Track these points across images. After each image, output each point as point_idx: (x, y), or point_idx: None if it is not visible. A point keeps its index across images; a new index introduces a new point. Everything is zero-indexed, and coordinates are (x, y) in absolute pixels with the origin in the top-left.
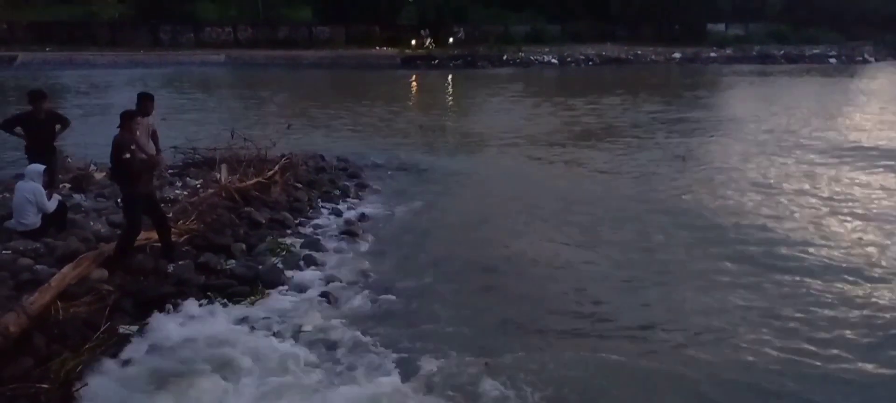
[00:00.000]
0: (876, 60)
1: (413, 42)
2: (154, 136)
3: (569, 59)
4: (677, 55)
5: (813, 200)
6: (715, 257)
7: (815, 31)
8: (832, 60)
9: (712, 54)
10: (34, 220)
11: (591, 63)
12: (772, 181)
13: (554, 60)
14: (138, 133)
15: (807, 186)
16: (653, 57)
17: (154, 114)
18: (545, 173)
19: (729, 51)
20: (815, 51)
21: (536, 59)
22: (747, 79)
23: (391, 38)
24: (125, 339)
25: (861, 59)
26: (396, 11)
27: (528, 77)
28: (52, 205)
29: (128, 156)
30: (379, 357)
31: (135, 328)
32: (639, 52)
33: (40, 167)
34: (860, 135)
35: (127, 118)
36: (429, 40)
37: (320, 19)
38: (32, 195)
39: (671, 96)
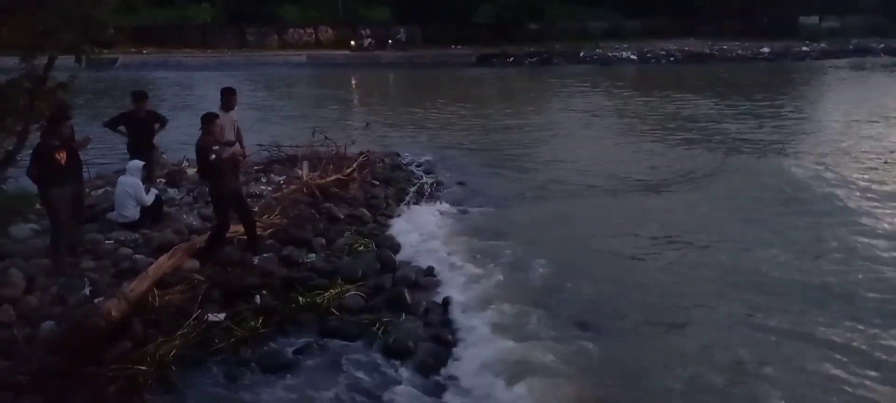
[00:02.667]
0: None
1: (352, 42)
2: (237, 134)
3: (648, 55)
4: (766, 50)
5: None
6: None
7: None
8: None
9: (804, 49)
10: (133, 213)
11: (672, 59)
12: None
13: (633, 57)
14: (222, 128)
15: None
16: (739, 51)
17: (237, 108)
18: (622, 176)
19: (822, 45)
20: None
21: (614, 56)
22: (842, 76)
23: (467, 37)
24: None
25: None
26: (472, 10)
27: (605, 74)
28: (149, 199)
29: (213, 157)
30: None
31: (222, 316)
32: (723, 47)
33: (140, 163)
34: None
35: (207, 121)
36: (368, 41)
37: (397, 19)
38: (132, 189)
39: (741, 97)
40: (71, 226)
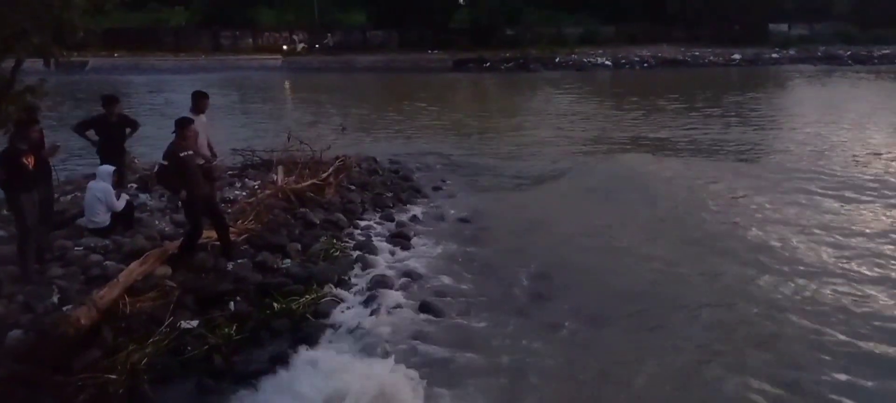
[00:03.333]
0: None
1: (285, 47)
2: (208, 138)
3: (623, 61)
4: (737, 56)
5: None
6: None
7: (885, 31)
8: None
9: (774, 55)
10: (104, 218)
11: (646, 65)
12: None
13: (608, 62)
14: (196, 134)
15: None
16: (711, 58)
17: (208, 112)
18: (598, 179)
19: (792, 52)
20: (885, 51)
21: (589, 61)
22: (808, 82)
23: (443, 42)
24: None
25: None
26: (449, 15)
27: (580, 79)
28: (120, 204)
29: (184, 161)
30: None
31: (195, 323)
32: (696, 54)
33: (110, 168)
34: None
35: (182, 126)
36: (301, 45)
37: (374, 24)
38: (102, 194)
39: (714, 104)
40: (39, 232)
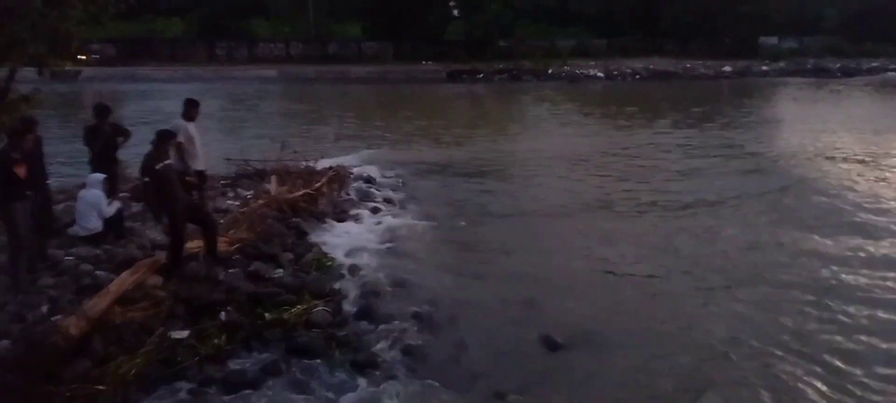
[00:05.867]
0: None
1: (82, 57)
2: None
3: (615, 73)
4: (728, 68)
5: None
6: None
7: (874, 45)
8: (892, 73)
9: (764, 68)
10: (96, 224)
11: (637, 77)
12: None
13: (600, 74)
14: (182, 144)
15: None
16: (702, 70)
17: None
18: (583, 189)
19: (781, 64)
20: (874, 64)
21: (582, 73)
22: (796, 96)
23: (437, 54)
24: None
25: None
26: (443, 28)
27: (572, 91)
28: (111, 210)
29: (160, 172)
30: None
31: (186, 333)
32: (687, 66)
33: (100, 176)
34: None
35: (161, 139)
36: (94, 55)
37: (369, 36)
38: (94, 200)
39: (705, 115)
40: (33, 240)
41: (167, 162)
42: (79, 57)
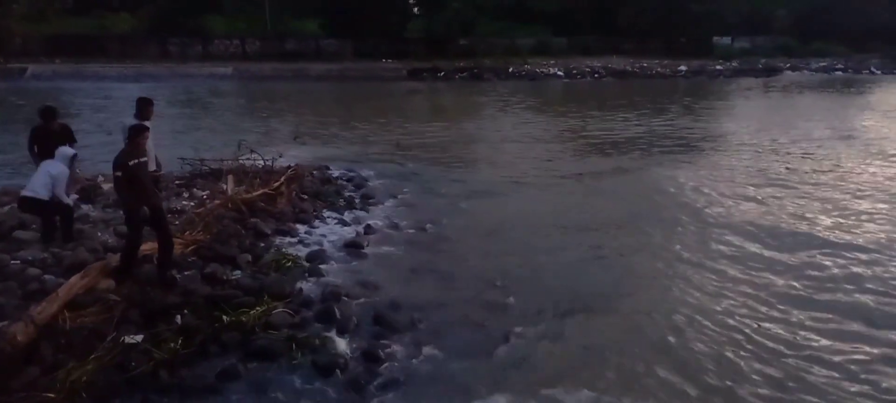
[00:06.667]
0: (882, 73)
1: None
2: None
3: (574, 72)
4: (683, 68)
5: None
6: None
7: (823, 45)
8: (838, 72)
9: (718, 67)
10: (43, 194)
11: (596, 75)
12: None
13: (560, 73)
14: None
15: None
16: (659, 69)
17: (152, 119)
18: (550, 186)
19: (734, 64)
20: (822, 63)
21: (542, 72)
22: (745, 94)
23: (398, 52)
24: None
25: (868, 71)
26: (404, 25)
27: (532, 89)
28: (65, 198)
29: (134, 169)
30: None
31: (140, 337)
32: (644, 65)
33: (72, 151)
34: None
35: (135, 134)
36: None
37: (328, 33)
38: (57, 171)
39: (659, 110)
40: None
41: (143, 158)
42: None
